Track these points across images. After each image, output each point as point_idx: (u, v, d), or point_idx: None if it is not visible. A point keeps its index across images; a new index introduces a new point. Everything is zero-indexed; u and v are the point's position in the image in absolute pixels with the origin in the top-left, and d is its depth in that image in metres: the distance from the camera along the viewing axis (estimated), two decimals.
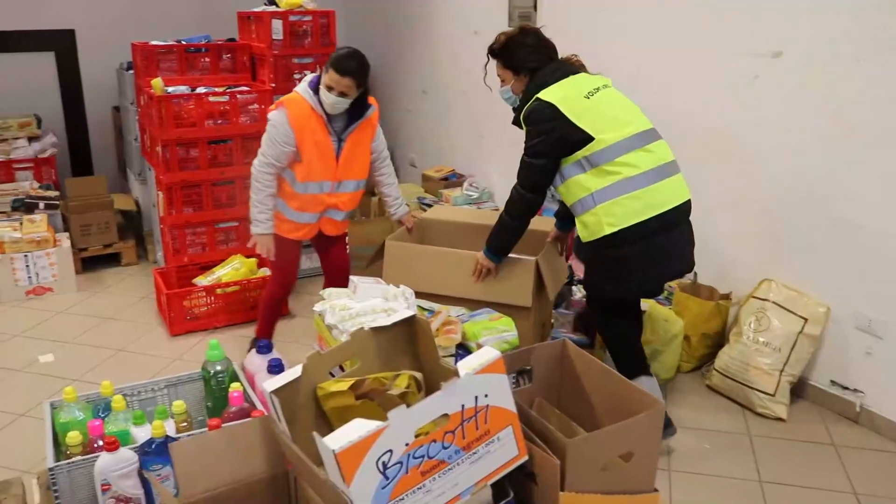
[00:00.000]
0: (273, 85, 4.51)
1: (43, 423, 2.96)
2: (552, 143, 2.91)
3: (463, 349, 2.64)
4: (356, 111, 3.45)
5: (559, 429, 1.72)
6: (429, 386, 1.75)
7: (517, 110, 3.09)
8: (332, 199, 3.54)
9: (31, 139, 5.71)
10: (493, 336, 2.59)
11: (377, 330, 1.79)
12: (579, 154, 2.89)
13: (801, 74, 3.42)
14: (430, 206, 4.98)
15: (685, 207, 2.99)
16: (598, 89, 3.00)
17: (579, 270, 4.33)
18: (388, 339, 1.81)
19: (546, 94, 2.92)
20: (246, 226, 4.62)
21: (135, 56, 4.80)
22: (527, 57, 3.06)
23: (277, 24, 4.55)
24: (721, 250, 3.86)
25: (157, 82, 4.26)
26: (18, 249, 4.71)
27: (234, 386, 2.25)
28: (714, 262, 3.87)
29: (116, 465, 1.97)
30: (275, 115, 3.36)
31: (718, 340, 3.79)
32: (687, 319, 3.70)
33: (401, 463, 1.42)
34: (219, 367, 2.37)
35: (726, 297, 3.79)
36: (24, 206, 5.13)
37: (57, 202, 5.27)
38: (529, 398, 2.05)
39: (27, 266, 4.73)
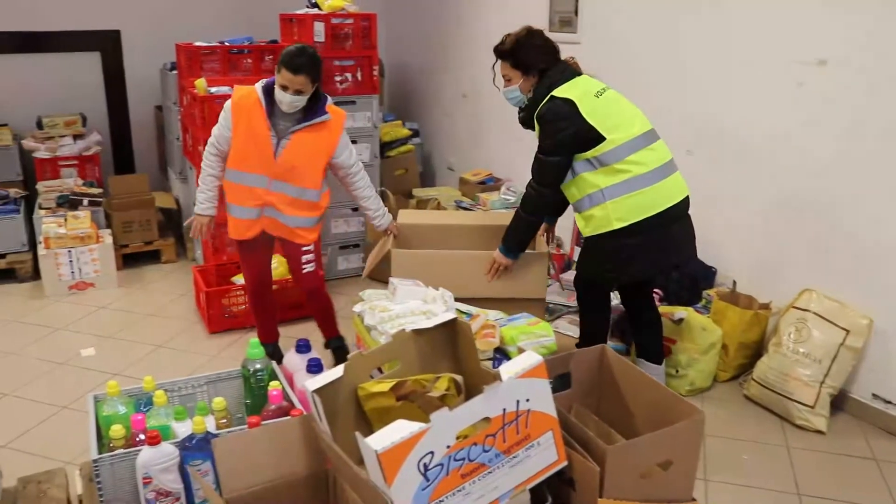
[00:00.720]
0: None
1: (84, 415, 3.02)
2: (567, 139, 3.02)
3: (500, 353, 2.65)
4: (308, 112, 3.35)
5: (597, 435, 1.71)
6: (468, 389, 1.76)
7: (525, 110, 3.21)
8: (269, 197, 3.42)
9: (76, 137, 5.82)
10: (532, 341, 2.60)
11: (418, 332, 1.80)
12: (590, 153, 3.01)
13: (846, 82, 3.37)
14: (467, 209, 4.98)
15: (684, 204, 3.14)
16: (604, 90, 3.13)
17: None
18: (428, 342, 1.82)
19: (562, 92, 3.03)
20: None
21: (179, 57, 4.87)
22: (536, 57, 3.15)
23: (319, 27, 4.59)
24: (761, 259, 3.82)
25: (200, 83, 4.32)
26: (63, 245, 4.80)
27: (274, 384, 2.27)
28: (754, 271, 3.83)
29: (158, 460, 2.00)
30: (225, 104, 3.41)
31: (757, 350, 3.75)
32: (725, 328, 3.66)
33: (441, 465, 1.43)
34: (258, 366, 2.39)
35: (765, 306, 3.75)
36: (69, 202, 5.22)
37: (100, 199, 5.36)
38: (567, 404, 2.04)
39: (70, 261, 4.82)
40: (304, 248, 3.57)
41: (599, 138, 2.98)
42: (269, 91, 3.30)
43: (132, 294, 4.89)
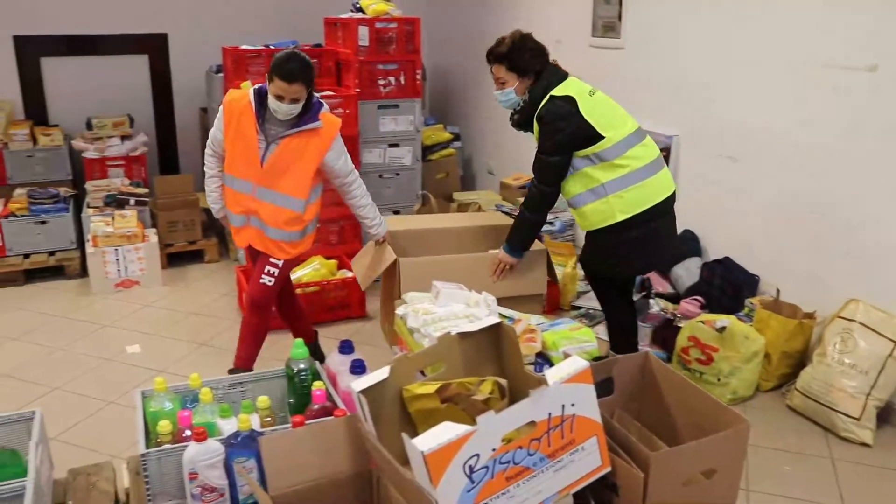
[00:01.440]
0: (358, 90, 4.59)
1: (129, 410, 3.08)
2: (567, 139, 3.11)
3: (542, 357, 2.64)
4: (300, 118, 3.26)
5: (639, 441, 1.71)
6: (512, 393, 1.77)
7: (520, 112, 3.28)
8: (252, 204, 3.34)
9: (123, 138, 5.94)
10: (573, 346, 2.58)
11: (463, 335, 1.81)
12: (589, 150, 3.11)
13: (891, 88, 3.32)
14: (508, 213, 4.98)
15: (672, 197, 3.29)
16: (594, 90, 3.21)
17: (659, 284, 4.29)
18: (473, 345, 1.83)
19: (561, 91, 3.14)
20: (328, 228, 4.72)
21: (225, 60, 4.94)
22: (532, 60, 3.23)
23: (364, 31, 4.63)
24: (806, 268, 3.77)
25: (246, 85, 4.37)
26: (110, 243, 4.89)
27: (317, 384, 2.30)
28: (798, 279, 3.79)
29: (204, 456, 2.03)
30: (220, 109, 3.36)
31: (800, 360, 3.70)
32: (768, 337, 3.62)
33: (487, 467, 1.44)
34: (302, 366, 2.41)
35: (810, 315, 3.70)
36: (116, 201, 5.32)
37: (146, 199, 5.45)
38: (610, 409, 2.04)
39: (117, 259, 4.91)
40: (272, 260, 3.41)
41: (597, 136, 3.09)
42: (261, 95, 3.25)
43: (176, 292, 4.97)
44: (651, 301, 4.17)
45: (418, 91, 4.89)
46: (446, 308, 2.41)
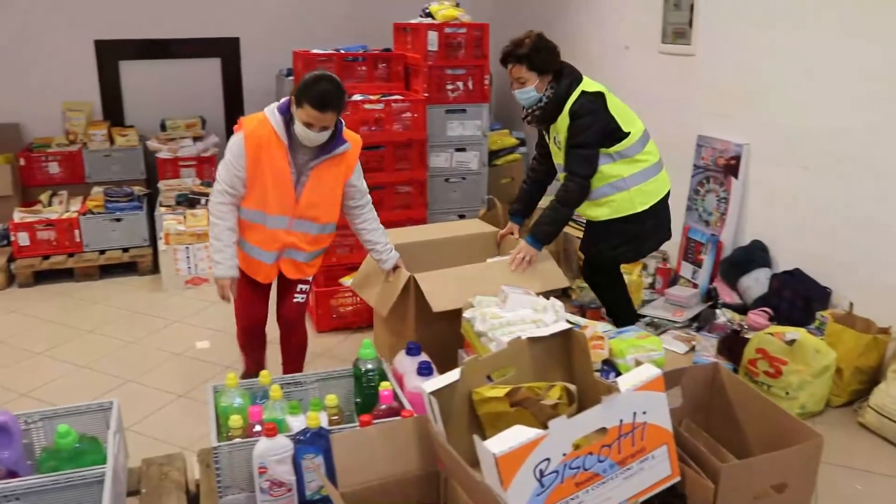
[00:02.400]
0: (426, 94, 4.63)
1: (198, 404, 3.16)
2: (599, 131, 3.28)
3: (608, 365, 2.64)
4: (327, 142, 2.96)
5: (708, 452, 1.70)
6: (580, 399, 1.77)
7: (542, 109, 3.36)
8: (289, 238, 3.07)
9: (195, 139, 6.09)
10: (640, 354, 2.58)
11: (533, 340, 1.82)
12: (612, 149, 3.32)
13: None
14: (573, 220, 4.96)
15: (669, 192, 3.58)
16: (608, 90, 3.38)
17: (726, 295, 4.23)
18: (542, 350, 1.84)
19: (591, 88, 3.31)
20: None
21: (296, 63, 5.03)
22: (552, 59, 3.34)
23: (433, 36, 4.66)
24: (881, 281, 3.67)
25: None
26: (181, 241, 5.02)
27: (385, 385, 2.33)
28: (872, 293, 3.69)
29: (274, 451, 2.08)
30: (233, 138, 2.92)
31: (874, 376, 3.60)
32: (840, 351, 3.53)
33: (557, 472, 1.45)
34: (370, 366, 2.45)
35: (885, 330, 3.59)
36: (188, 200, 5.45)
37: None
38: (677, 419, 2.02)
39: (188, 257, 5.04)
40: (305, 279, 3.24)
41: (618, 131, 3.31)
42: (285, 119, 2.90)
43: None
44: (717, 311, 4.11)
45: (486, 96, 4.90)
46: (514, 312, 2.42)
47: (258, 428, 2.23)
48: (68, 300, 4.89)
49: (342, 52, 4.94)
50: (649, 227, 3.52)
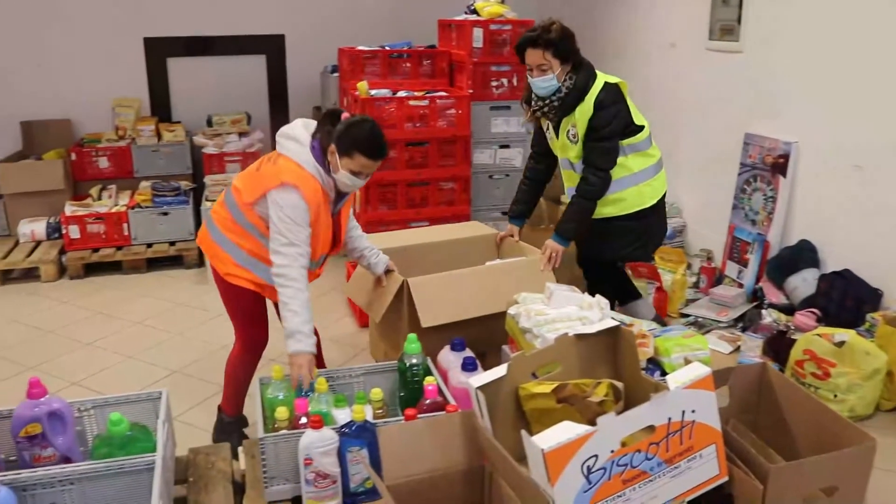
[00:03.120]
0: (471, 91, 4.63)
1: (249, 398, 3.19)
2: (623, 122, 3.26)
3: (653, 363, 2.62)
4: None
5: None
6: (627, 396, 1.76)
7: (563, 98, 3.25)
8: (319, 271, 3.02)
9: (241, 135, 6.16)
10: (686, 353, 2.56)
11: (580, 337, 1.82)
12: (625, 142, 3.29)
13: None
14: None
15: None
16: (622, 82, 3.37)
17: (773, 295, 4.17)
18: (589, 347, 1.83)
19: (612, 79, 3.28)
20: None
21: (341, 60, 5.07)
22: (575, 48, 3.28)
23: (478, 33, 4.66)
24: None
25: (362, 85, 4.48)
26: None
27: (429, 380, 2.34)
28: None
29: (320, 443, 2.11)
30: (292, 199, 2.63)
31: None
32: (891, 354, 3.46)
33: (604, 469, 1.44)
34: (415, 361, 2.47)
35: None
36: None
37: None
38: (724, 418, 2.00)
39: None
40: None
41: (632, 124, 3.29)
42: (319, 168, 2.73)
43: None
44: (763, 311, 4.05)
45: None
46: (559, 310, 2.42)
47: (304, 420, 2.26)
48: (116, 292, 4.98)
49: (387, 48, 4.97)
50: (655, 223, 3.53)
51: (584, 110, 3.24)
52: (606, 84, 3.25)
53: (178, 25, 6.32)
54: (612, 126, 3.24)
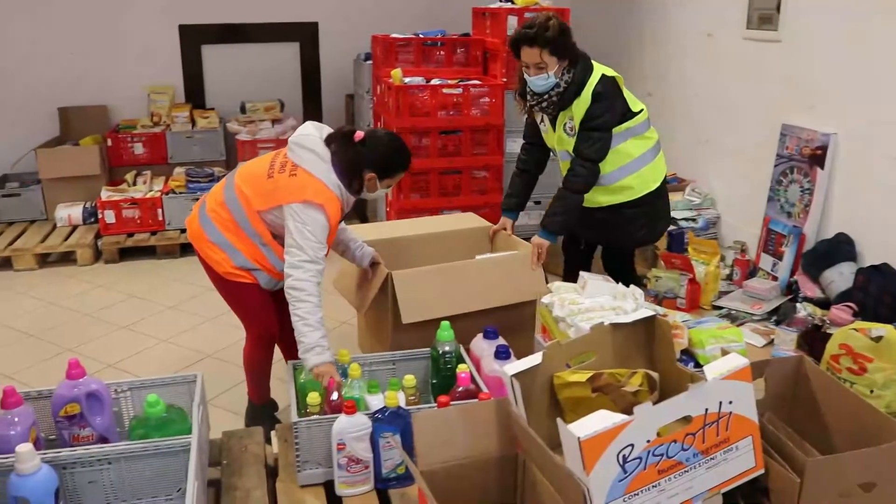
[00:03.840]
0: (504, 79, 4.62)
1: (275, 381, 3.22)
2: (616, 115, 3.23)
3: (687, 355, 2.61)
4: None
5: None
6: (662, 387, 1.75)
7: (562, 93, 3.21)
8: None
9: (274, 122, 6.21)
10: (721, 345, 2.54)
11: (616, 326, 1.81)
12: (622, 126, 3.26)
13: None
14: None
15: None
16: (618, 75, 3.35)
17: (808, 288, 4.12)
18: (625, 337, 1.82)
19: (607, 71, 3.25)
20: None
21: (375, 47, 5.07)
22: (572, 44, 3.23)
23: (513, 21, 4.64)
24: None
25: (396, 73, 4.48)
26: None
27: (462, 367, 2.35)
28: None
29: (353, 428, 2.12)
30: (317, 217, 2.66)
31: None
32: None
33: (640, 458, 1.44)
34: (447, 348, 2.47)
35: None
36: None
37: None
38: (759, 411, 1.98)
39: None
40: None
41: (627, 112, 3.27)
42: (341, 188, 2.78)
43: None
44: (798, 305, 4.01)
45: None
46: (593, 299, 2.41)
47: (335, 396, 2.28)
48: (151, 276, 5.05)
49: (421, 36, 4.96)
50: (661, 205, 3.51)
51: (582, 102, 3.21)
52: (604, 76, 3.22)
53: (213, 13, 6.37)
54: (606, 118, 3.20)
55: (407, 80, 4.53)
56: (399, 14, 6.49)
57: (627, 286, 3.65)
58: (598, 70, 3.24)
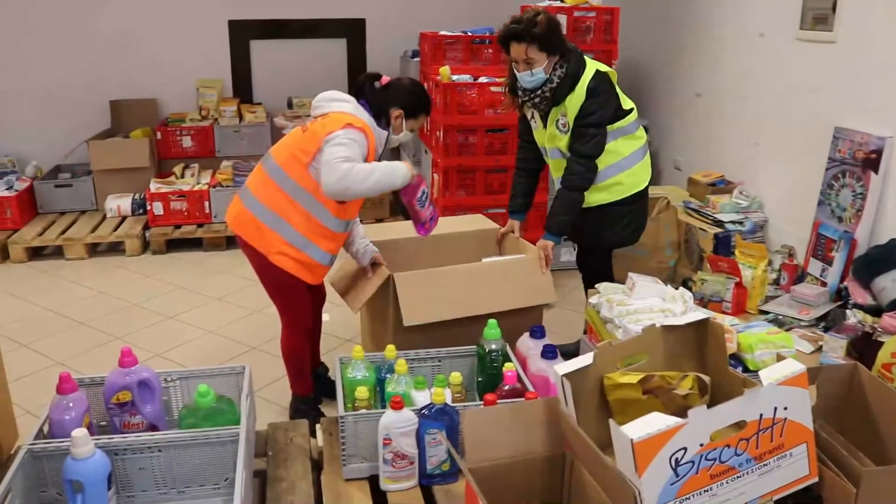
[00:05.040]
0: None
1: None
2: (610, 111, 3.19)
3: (735, 359, 2.57)
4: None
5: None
6: (713, 391, 1.73)
7: (555, 88, 3.15)
8: (345, 235, 3.09)
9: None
10: (770, 350, 2.51)
11: (668, 328, 1.79)
12: (615, 125, 3.22)
13: None
14: (695, 210, 4.85)
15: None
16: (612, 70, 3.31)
17: (859, 295, 4.05)
18: (676, 339, 1.81)
19: (602, 68, 3.21)
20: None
21: (423, 44, 5.09)
22: (562, 39, 3.18)
23: (562, 19, 4.61)
24: None
25: (444, 70, 4.48)
26: None
27: (508, 366, 2.34)
28: None
29: (399, 424, 2.13)
30: (357, 135, 2.72)
31: None
32: None
33: (692, 462, 1.42)
34: (494, 346, 2.47)
35: None
36: None
37: None
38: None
39: None
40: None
41: (620, 109, 3.24)
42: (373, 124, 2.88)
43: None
44: (848, 311, 3.93)
45: None
46: (642, 301, 2.39)
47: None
48: (197, 268, 5.12)
49: (469, 34, 4.96)
50: (645, 206, 3.50)
51: (576, 98, 3.15)
52: (598, 72, 3.17)
53: (262, 9, 6.44)
54: (601, 114, 3.16)
55: (455, 77, 4.53)
56: (446, 12, 6.48)
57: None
58: (592, 66, 3.19)
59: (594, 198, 3.32)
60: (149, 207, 5.42)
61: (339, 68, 6.80)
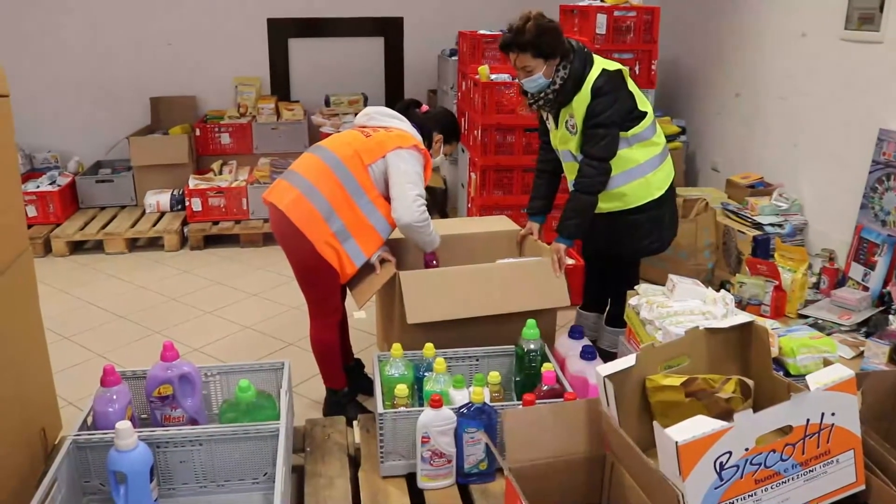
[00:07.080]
0: None
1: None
2: (622, 110, 3.07)
3: (775, 363, 2.54)
4: None
5: None
6: (756, 395, 1.71)
7: (558, 90, 3.09)
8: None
9: (356, 115, 6.27)
10: (813, 355, 2.47)
11: (711, 331, 1.77)
12: (629, 133, 3.11)
13: None
14: (734, 212, 4.80)
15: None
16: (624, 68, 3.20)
17: None
18: (719, 342, 1.79)
19: (610, 66, 3.10)
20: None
21: (461, 43, 5.09)
22: (557, 42, 3.05)
23: (602, 19, 4.59)
24: None
25: (483, 69, 4.48)
26: None
27: (547, 366, 2.34)
28: None
29: (438, 422, 2.13)
30: (420, 159, 3.03)
31: None
32: None
33: (737, 466, 1.41)
34: (532, 346, 2.46)
35: None
36: None
37: None
38: None
39: None
40: None
41: (635, 110, 3.11)
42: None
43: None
44: (891, 317, 3.86)
45: (653, 81, 4.79)
46: (682, 303, 2.37)
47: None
48: (235, 264, 5.17)
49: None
50: (667, 214, 3.34)
51: (582, 98, 3.07)
52: (604, 70, 3.06)
53: (301, 7, 6.49)
54: (611, 113, 3.04)
55: (493, 76, 4.52)
56: (484, 11, 6.47)
57: (613, 301, 3.53)
58: (599, 64, 3.10)
59: (605, 206, 3.24)
60: (187, 203, 5.49)
61: (376, 67, 6.83)
